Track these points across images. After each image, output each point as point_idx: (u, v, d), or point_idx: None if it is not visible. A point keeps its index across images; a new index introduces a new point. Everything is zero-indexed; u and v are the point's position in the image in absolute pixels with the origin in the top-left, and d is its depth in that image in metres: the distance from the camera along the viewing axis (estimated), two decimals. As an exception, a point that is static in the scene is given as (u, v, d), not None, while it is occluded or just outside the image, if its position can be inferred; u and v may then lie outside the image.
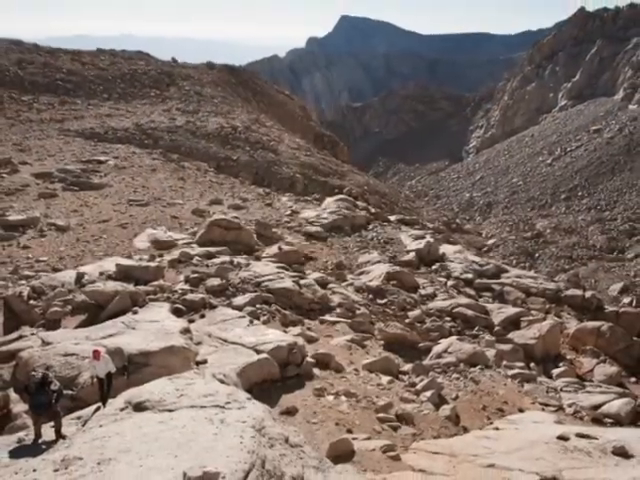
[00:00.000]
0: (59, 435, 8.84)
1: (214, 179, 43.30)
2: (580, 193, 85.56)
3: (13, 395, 12.48)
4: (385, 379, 15.36)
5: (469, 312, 21.59)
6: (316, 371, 14.86)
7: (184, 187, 38.43)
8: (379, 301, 21.99)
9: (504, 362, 18.05)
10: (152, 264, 21.17)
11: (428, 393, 14.51)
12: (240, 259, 22.98)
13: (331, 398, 13.55)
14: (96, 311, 17.04)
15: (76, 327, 16.01)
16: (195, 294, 18.76)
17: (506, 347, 19.18)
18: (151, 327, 14.71)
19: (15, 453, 8.43)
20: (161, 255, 23.43)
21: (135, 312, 16.36)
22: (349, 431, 12.01)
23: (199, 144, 51.26)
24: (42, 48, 67.46)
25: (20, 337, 15.06)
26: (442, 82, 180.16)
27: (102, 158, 41.61)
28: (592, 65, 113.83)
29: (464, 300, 22.78)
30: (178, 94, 65.07)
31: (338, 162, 65.78)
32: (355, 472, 9.39)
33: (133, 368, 12.08)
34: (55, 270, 21.57)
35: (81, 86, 60.47)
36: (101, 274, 19.50)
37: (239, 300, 18.75)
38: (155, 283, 19.52)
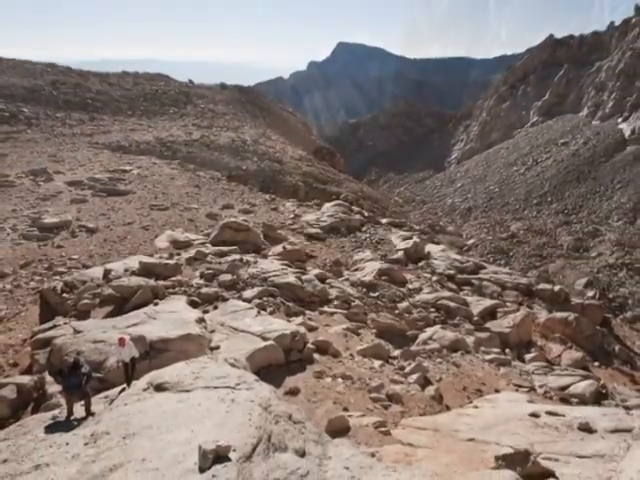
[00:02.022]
0: (89, 413, 8.84)
1: (226, 186, 43.30)
2: (549, 199, 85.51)
3: (48, 377, 12.52)
4: (377, 363, 15.37)
5: (451, 304, 21.61)
6: (316, 356, 14.86)
7: (199, 193, 38.43)
8: (372, 294, 22.01)
9: (482, 348, 18.08)
10: (171, 262, 21.19)
11: (415, 375, 14.52)
12: (249, 257, 22.98)
13: (329, 380, 13.54)
14: (121, 303, 17.07)
15: (104, 317, 16.04)
16: (209, 288, 18.76)
17: (484, 335, 19.20)
18: (170, 317, 14.72)
19: (50, 429, 8.43)
20: (179, 254, 23.44)
21: (156, 304, 16.38)
22: (345, 409, 12.00)
23: (212, 155, 51.20)
24: (74, 71, 67.45)
25: (54, 326, 15.07)
26: (427, 101, 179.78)
27: (127, 168, 41.62)
28: (560, 86, 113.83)
29: (447, 293, 22.81)
30: (194, 111, 65.12)
31: (335, 172, 65.69)
32: (350, 445, 9.38)
33: (154, 353, 12.08)
34: (85, 267, 21.59)
35: (108, 104, 60.46)
36: (126, 270, 19.51)
37: (248, 293, 18.75)
38: (174, 278, 19.53)
